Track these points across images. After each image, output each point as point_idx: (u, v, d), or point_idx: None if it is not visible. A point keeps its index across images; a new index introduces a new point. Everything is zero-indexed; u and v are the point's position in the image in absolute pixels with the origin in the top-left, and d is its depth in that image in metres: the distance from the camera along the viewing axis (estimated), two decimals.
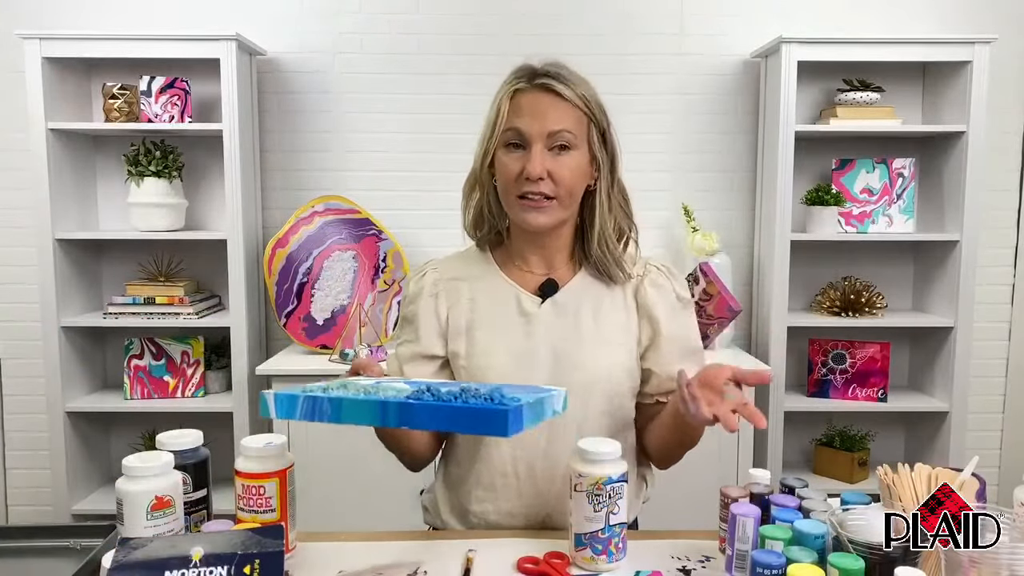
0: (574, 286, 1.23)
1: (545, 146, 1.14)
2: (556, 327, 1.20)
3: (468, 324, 1.22)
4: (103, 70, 2.57)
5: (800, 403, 2.55)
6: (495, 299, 1.22)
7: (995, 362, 2.76)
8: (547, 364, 1.19)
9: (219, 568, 0.84)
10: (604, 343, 1.20)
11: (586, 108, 1.16)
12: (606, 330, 1.21)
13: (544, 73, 1.15)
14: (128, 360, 2.51)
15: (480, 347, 1.20)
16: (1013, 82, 2.64)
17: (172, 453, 1.03)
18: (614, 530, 1.02)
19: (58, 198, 2.41)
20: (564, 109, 1.15)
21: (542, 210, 1.16)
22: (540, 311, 1.21)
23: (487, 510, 1.21)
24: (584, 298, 1.22)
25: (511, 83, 1.16)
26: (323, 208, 2.52)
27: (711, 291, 2.45)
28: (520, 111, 1.14)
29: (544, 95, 1.14)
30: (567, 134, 1.14)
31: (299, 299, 2.49)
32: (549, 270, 1.24)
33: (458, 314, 1.23)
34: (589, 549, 1.02)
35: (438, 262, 1.29)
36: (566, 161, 1.15)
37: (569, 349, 1.19)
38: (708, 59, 2.65)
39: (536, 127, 1.13)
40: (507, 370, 1.18)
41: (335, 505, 2.22)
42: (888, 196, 2.59)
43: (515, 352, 1.19)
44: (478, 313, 1.22)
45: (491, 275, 1.25)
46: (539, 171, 1.13)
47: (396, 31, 2.62)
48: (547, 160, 1.14)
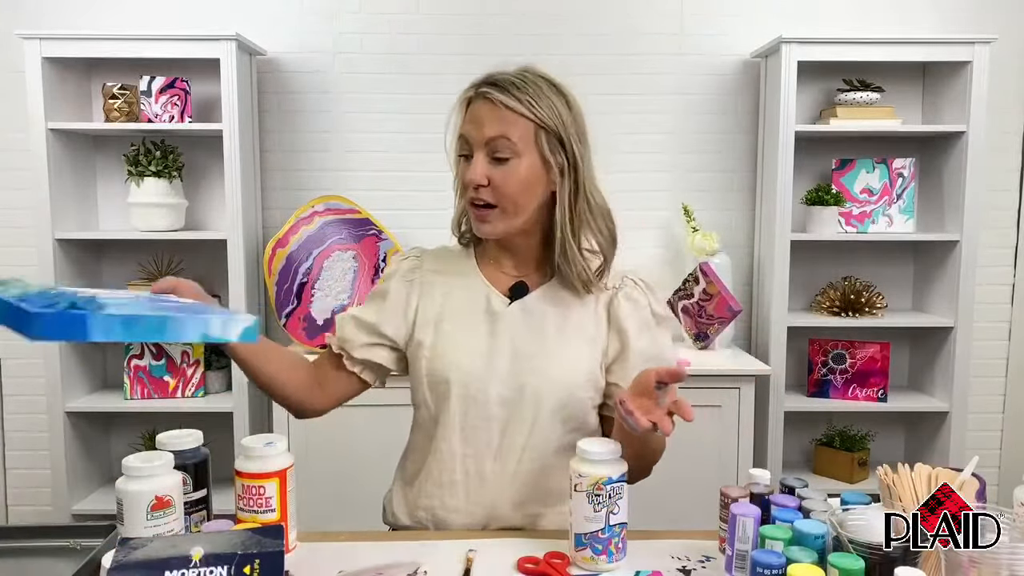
0: (544, 292, 1.23)
1: (486, 154, 1.14)
2: (520, 329, 1.21)
3: (437, 317, 1.23)
4: (103, 70, 2.57)
5: (800, 403, 2.55)
6: (467, 296, 1.24)
7: (995, 362, 2.76)
8: (506, 364, 1.19)
9: (219, 568, 0.84)
10: (564, 351, 1.20)
11: (533, 116, 1.14)
12: (569, 338, 1.20)
13: (489, 82, 1.15)
14: (128, 360, 2.51)
15: (445, 340, 1.21)
16: (1013, 82, 2.64)
17: (172, 453, 1.03)
18: (614, 530, 1.02)
19: (58, 198, 2.41)
20: (505, 117, 1.13)
21: (486, 220, 1.17)
22: (507, 311, 1.22)
23: (434, 505, 1.22)
24: (552, 305, 1.22)
25: (466, 92, 1.19)
26: (323, 208, 2.52)
27: (711, 291, 2.45)
28: (467, 119, 1.17)
29: (484, 103, 1.15)
30: (504, 141, 1.13)
31: (299, 299, 2.49)
32: (521, 273, 1.25)
33: (428, 305, 1.24)
34: (589, 549, 1.02)
35: (424, 251, 1.31)
36: (508, 169, 1.14)
37: (529, 352, 1.19)
38: (708, 59, 2.65)
39: (476, 135, 1.15)
40: (466, 368, 1.19)
41: (335, 505, 2.22)
42: (888, 196, 2.59)
43: (478, 349, 1.20)
44: (449, 307, 1.23)
45: (468, 272, 1.26)
46: (476, 178, 1.14)
47: (396, 31, 2.62)
48: (488, 168, 1.14)
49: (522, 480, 1.20)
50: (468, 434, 1.20)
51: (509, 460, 1.19)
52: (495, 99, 1.13)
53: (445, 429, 1.21)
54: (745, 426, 2.33)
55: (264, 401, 2.56)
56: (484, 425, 1.19)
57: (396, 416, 1.94)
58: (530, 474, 1.20)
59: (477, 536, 1.16)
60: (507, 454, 1.19)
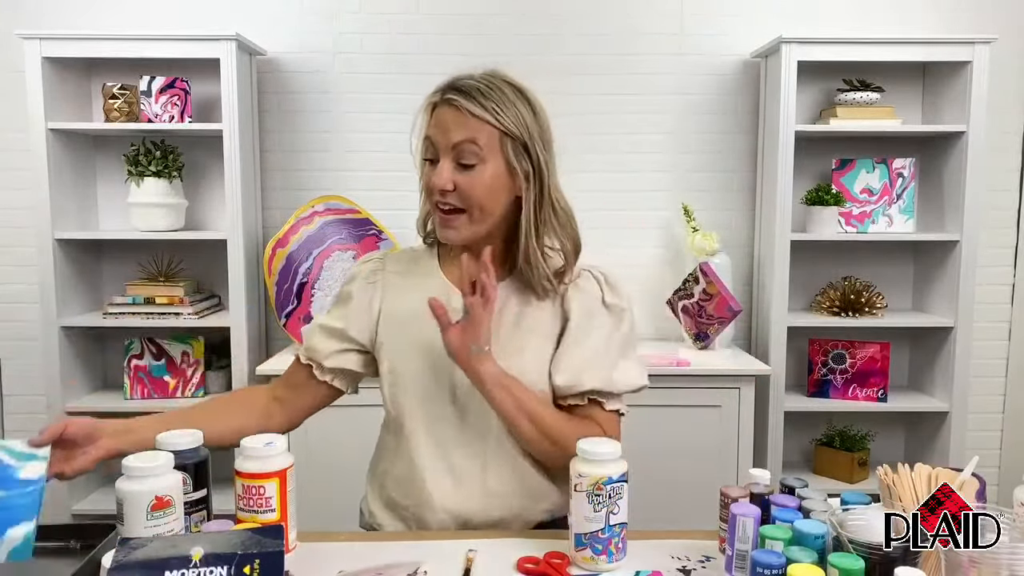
0: (502, 290, 1.23)
1: (452, 159, 1.15)
2: None
3: (400, 317, 1.25)
4: (103, 70, 2.57)
5: (800, 403, 2.55)
6: (426, 293, 1.23)
7: (995, 362, 2.76)
8: None
9: (219, 568, 0.84)
10: (518, 349, 1.21)
11: (498, 123, 1.14)
12: (524, 337, 1.21)
13: (454, 87, 1.15)
14: (128, 360, 2.51)
15: (405, 339, 1.23)
16: (1013, 82, 2.64)
17: (172, 453, 1.03)
18: (614, 530, 1.02)
19: (58, 198, 2.41)
20: (469, 123, 1.14)
21: (452, 225, 1.17)
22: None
23: (410, 504, 1.23)
24: (509, 304, 1.23)
25: (431, 96, 1.19)
26: (323, 208, 2.52)
27: (711, 291, 2.45)
28: (433, 123, 1.17)
29: (450, 109, 1.15)
30: (470, 147, 1.14)
31: (299, 299, 2.49)
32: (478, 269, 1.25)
33: (391, 306, 1.26)
34: (589, 549, 1.02)
35: (385, 255, 1.33)
36: (474, 175, 1.15)
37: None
38: (708, 59, 2.65)
39: (442, 140, 1.15)
40: (423, 361, 1.21)
41: (335, 505, 2.22)
42: (888, 196, 2.59)
43: (435, 349, 1.20)
44: (410, 307, 1.24)
45: (430, 272, 1.28)
46: (442, 183, 1.14)
47: (396, 31, 2.62)
48: (454, 173, 1.15)
49: (494, 471, 1.21)
50: (431, 430, 1.22)
51: (476, 451, 1.21)
52: (461, 106, 1.14)
53: (410, 427, 1.22)
54: (745, 426, 2.33)
55: None
56: (445, 420, 1.21)
57: None
58: (502, 464, 1.21)
59: (477, 536, 1.17)
60: (473, 446, 1.21)
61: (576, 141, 2.62)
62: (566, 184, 1.26)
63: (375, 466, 1.32)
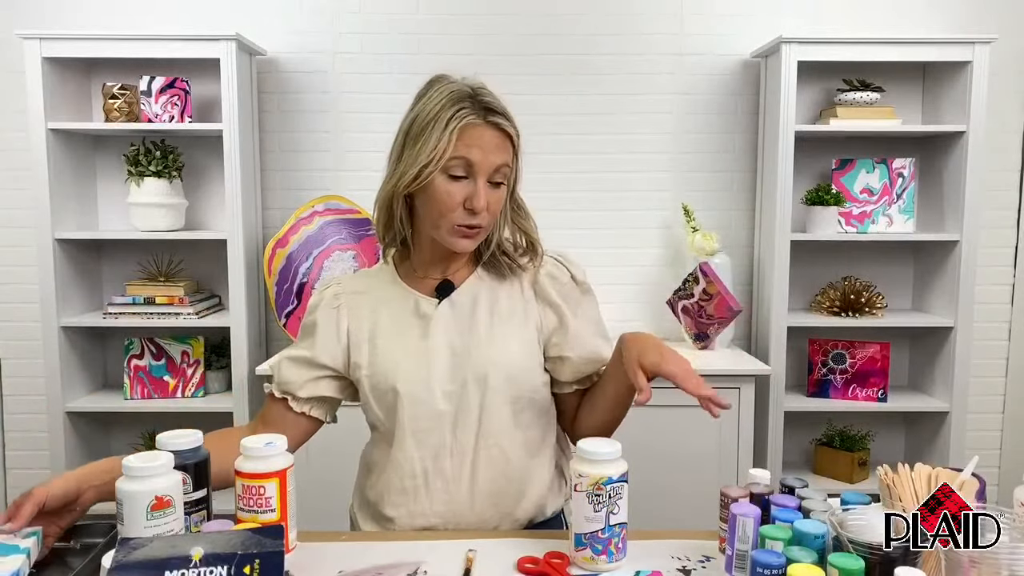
0: (470, 285, 1.25)
1: (486, 179, 1.16)
2: (453, 325, 1.23)
3: (370, 334, 1.24)
4: (103, 70, 2.57)
5: (800, 403, 2.55)
6: (394, 307, 1.25)
7: (995, 362, 2.76)
8: (445, 361, 1.21)
9: (219, 568, 0.84)
10: (500, 335, 1.22)
11: (516, 141, 1.18)
12: (501, 320, 1.23)
13: (491, 108, 1.15)
14: (128, 360, 2.51)
15: (381, 354, 1.22)
16: (1013, 82, 2.64)
17: (172, 453, 1.03)
18: (614, 530, 1.02)
19: (58, 198, 2.41)
20: (505, 145, 1.17)
21: (473, 239, 1.19)
22: (437, 312, 1.23)
23: (401, 514, 1.22)
24: (480, 294, 1.25)
25: (459, 114, 1.13)
26: (323, 208, 2.52)
27: (711, 291, 2.45)
28: (469, 142, 1.13)
29: (493, 131, 1.15)
30: (506, 168, 1.17)
31: (299, 299, 2.49)
32: (446, 274, 1.26)
33: (359, 326, 1.25)
34: (589, 549, 1.02)
35: (341, 278, 1.32)
36: (500, 192, 1.18)
37: (465, 344, 1.21)
38: (708, 59, 2.65)
39: (484, 162, 1.14)
40: (407, 373, 1.20)
41: (335, 505, 2.22)
42: (888, 196, 2.59)
43: (413, 354, 1.21)
44: (379, 323, 1.24)
45: (391, 285, 1.27)
46: (483, 205, 1.15)
47: (396, 31, 2.62)
48: (488, 192, 1.16)
49: (484, 473, 1.21)
50: (421, 437, 1.21)
51: (466, 453, 1.21)
52: (504, 128, 1.15)
53: (399, 438, 1.22)
54: (745, 426, 2.33)
55: (264, 401, 2.55)
56: (435, 425, 1.20)
57: None
58: (491, 465, 1.21)
59: (477, 536, 1.17)
60: (463, 448, 1.21)
61: (576, 141, 2.62)
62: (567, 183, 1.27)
63: (362, 486, 1.31)
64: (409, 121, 1.18)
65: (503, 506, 1.22)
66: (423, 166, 1.13)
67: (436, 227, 1.18)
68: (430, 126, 1.13)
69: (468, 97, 1.15)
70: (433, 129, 1.13)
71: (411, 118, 1.17)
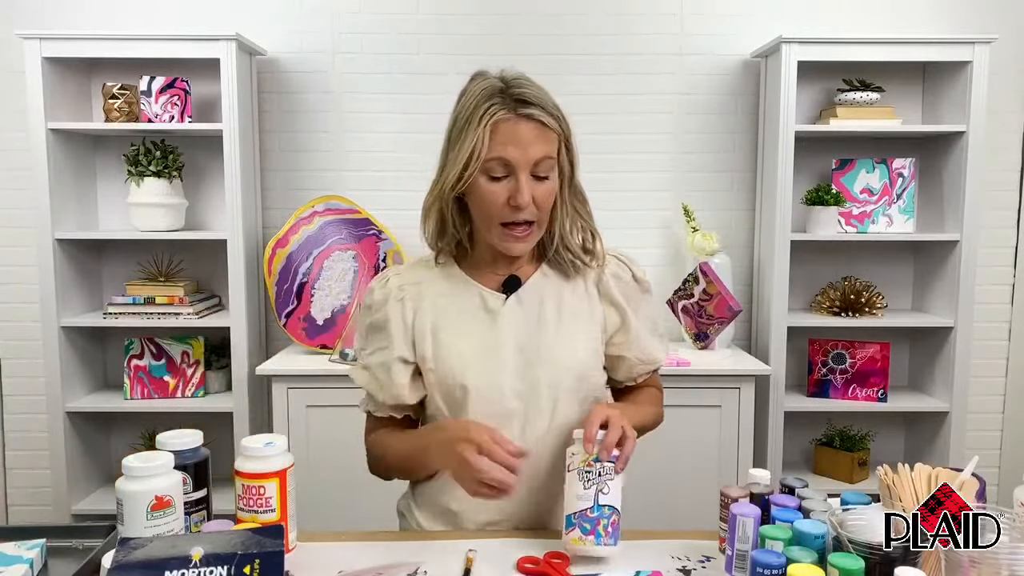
0: (536, 281, 1.25)
1: (528, 174, 1.14)
2: (520, 321, 1.22)
3: (433, 326, 1.22)
4: (103, 70, 2.57)
5: (800, 403, 2.55)
6: (458, 299, 1.23)
7: (995, 362, 2.76)
8: (513, 358, 1.20)
9: (219, 568, 0.84)
10: (568, 333, 1.22)
11: (560, 130, 1.16)
12: (569, 319, 1.23)
13: (524, 100, 1.13)
14: (128, 360, 2.51)
15: (446, 347, 1.21)
16: (1013, 82, 2.64)
17: (172, 453, 1.03)
18: (603, 511, 1.01)
19: (58, 198, 2.41)
20: (545, 135, 1.14)
21: (526, 239, 1.18)
22: (504, 307, 1.22)
23: (466, 509, 1.21)
24: (546, 291, 1.24)
25: (490, 111, 1.12)
26: (323, 208, 2.52)
27: (711, 291, 2.45)
28: (503, 140, 1.12)
29: (528, 123, 1.13)
30: (549, 159, 1.15)
31: (299, 299, 2.49)
32: (511, 269, 1.26)
33: (423, 318, 1.23)
34: (578, 529, 1.02)
35: (398, 268, 1.30)
36: (547, 185, 1.16)
37: (534, 341, 1.21)
38: (708, 59, 2.65)
39: (522, 157, 1.13)
40: (475, 367, 1.19)
41: (335, 505, 2.22)
42: (888, 196, 2.59)
43: (482, 348, 1.20)
44: (442, 315, 1.23)
45: (453, 277, 1.26)
46: (527, 201, 1.14)
47: (396, 31, 2.62)
48: (532, 186, 1.15)
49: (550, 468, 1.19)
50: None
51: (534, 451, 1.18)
52: (540, 119, 1.13)
53: None
54: (745, 426, 2.33)
55: (264, 401, 2.56)
56: (503, 423, 1.17)
57: None
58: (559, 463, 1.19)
59: (477, 536, 1.17)
60: (530, 445, 1.18)
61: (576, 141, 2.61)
62: None
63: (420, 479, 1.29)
64: (451, 122, 1.18)
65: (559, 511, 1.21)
66: (463, 168, 1.13)
67: (487, 230, 1.18)
68: (466, 126, 1.14)
69: (499, 92, 1.14)
70: (468, 129, 1.13)
71: (452, 119, 1.18)
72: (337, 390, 2.29)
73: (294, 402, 2.28)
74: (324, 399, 2.28)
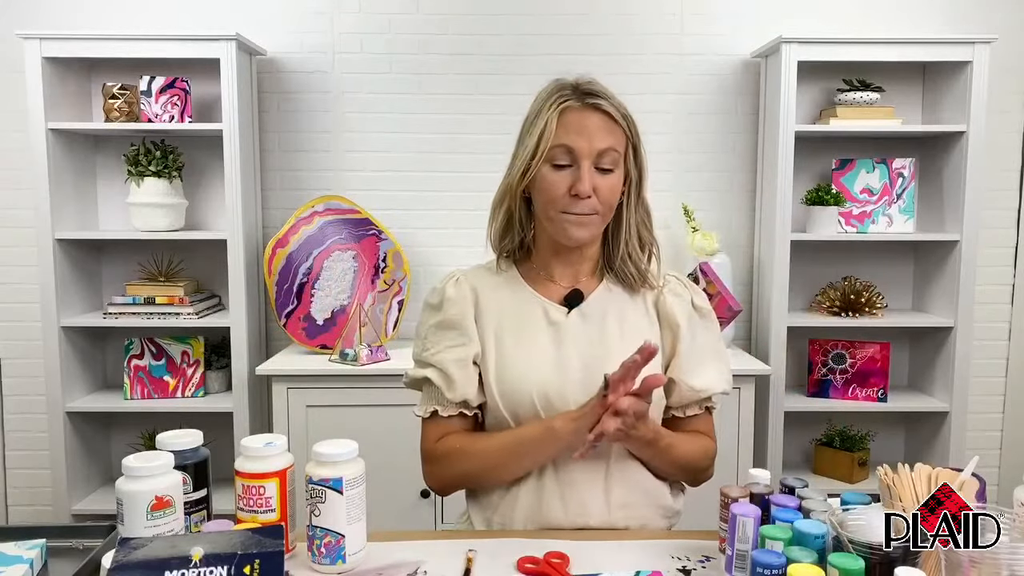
0: (599, 295, 1.24)
1: (592, 164, 1.15)
2: (583, 336, 1.21)
3: (496, 331, 1.22)
4: (103, 70, 2.57)
5: (800, 403, 2.55)
6: (521, 309, 1.23)
7: (995, 362, 2.76)
8: (579, 372, 1.19)
9: (219, 568, 0.84)
10: (630, 351, 1.19)
11: (626, 126, 1.18)
12: (631, 337, 1.21)
13: (592, 92, 1.16)
14: (128, 360, 2.51)
15: (510, 357, 1.20)
16: (1013, 82, 2.64)
17: (172, 453, 1.03)
18: (316, 531, 1.01)
19: (58, 198, 2.41)
20: (611, 128, 1.16)
21: (586, 225, 1.18)
22: (567, 320, 1.22)
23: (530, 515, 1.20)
24: (609, 307, 1.24)
25: (557, 101, 1.16)
26: (323, 208, 2.52)
27: (711, 291, 2.44)
28: (568, 129, 1.15)
29: (594, 113, 1.15)
30: (614, 152, 1.16)
31: (299, 299, 2.49)
32: (574, 282, 1.25)
33: (487, 320, 1.23)
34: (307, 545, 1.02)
35: (465, 271, 1.29)
36: (610, 179, 1.17)
37: (598, 357, 1.19)
38: (708, 59, 2.65)
39: (586, 146, 1.14)
40: (541, 381, 1.18)
41: None
42: (888, 196, 2.59)
43: (547, 362, 1.19)
44: (505, 322, 1.22)
45: (516, 285, 1.26)
46: (588, 190, 1.14)
47: (396, 31, 2.62)
48: (594, 178, 1.15)
49: (617, 481, 1.19)
50: None
51: (598, 464, 1.19)
52: (606, 110, 1.15)
53: None
54: (745, 426, 2.33)
55: (264, 401, 2.56)
56: None
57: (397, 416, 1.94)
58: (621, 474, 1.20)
59: (477, 536, 1.17)
60: (596, 459, 1.18)
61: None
62: None
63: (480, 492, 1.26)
64: (522, 122, 1.20)
65: (639, 517, 1.21)
66: (529, 158, 1.15)
67: (548, 219, 1.19)
68: (535, 118, 1.17)
69: (569, 86, 1.17)
70: (536, 121, 1.16)
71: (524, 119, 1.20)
72: (337, 390, 2.29)
73: (294, 402, 2.28)
74: (324, 399, 2.28)
